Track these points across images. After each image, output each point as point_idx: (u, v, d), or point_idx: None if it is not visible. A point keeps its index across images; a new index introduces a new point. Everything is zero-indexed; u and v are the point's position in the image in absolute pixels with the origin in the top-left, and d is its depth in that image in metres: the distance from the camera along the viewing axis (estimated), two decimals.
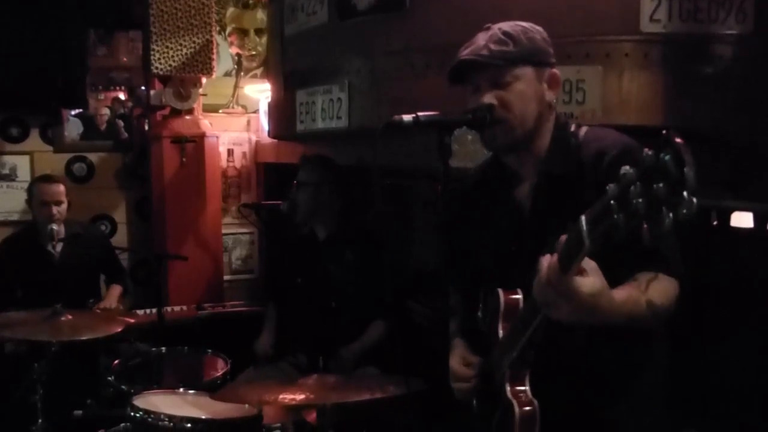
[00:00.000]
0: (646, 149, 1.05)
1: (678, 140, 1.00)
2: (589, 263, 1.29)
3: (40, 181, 3.88)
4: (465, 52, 1.63)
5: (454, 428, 1.95)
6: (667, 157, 1.00)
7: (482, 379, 1.76)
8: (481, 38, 1.63)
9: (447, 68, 1.67)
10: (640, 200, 1.03)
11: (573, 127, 1.68)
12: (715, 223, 2.42)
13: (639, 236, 1.05)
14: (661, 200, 1.01)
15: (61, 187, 3.82)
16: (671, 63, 2.08)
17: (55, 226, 3.71)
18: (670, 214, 1.00)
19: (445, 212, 1.56)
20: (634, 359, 1.65)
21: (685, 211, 0.99)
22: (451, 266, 1.77)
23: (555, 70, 1.67)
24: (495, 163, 1.79)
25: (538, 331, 1.48)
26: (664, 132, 1.03)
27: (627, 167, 1.07)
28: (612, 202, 1.09)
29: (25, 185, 4.07)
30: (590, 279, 1.29)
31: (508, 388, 1.61)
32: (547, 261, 1.30)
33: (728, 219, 2.38)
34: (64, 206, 3.81)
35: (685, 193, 0.98)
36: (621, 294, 1.39)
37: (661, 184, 1.00)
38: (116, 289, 4.01)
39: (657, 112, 2.10)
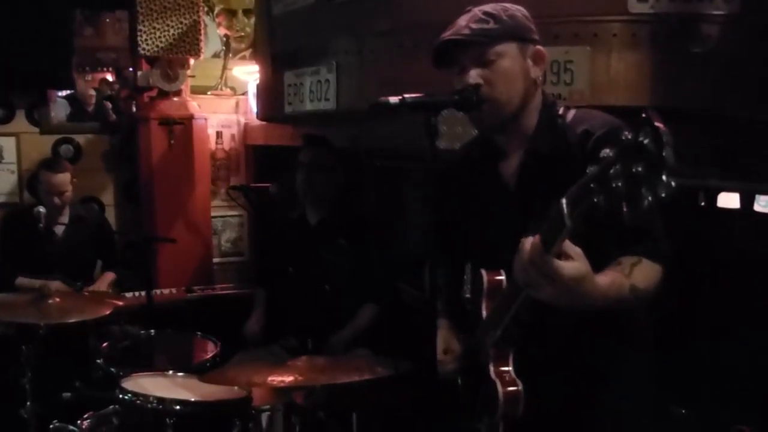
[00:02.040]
0: (625, 132, 1.06)
1: (657, 122, 1.01)
2: (574, 249, 1.30)
3: (46, 168, 3.87)
4: (447, 34, 1.64)
5: (442, 408, 1.96)
6: (646, 140, 1.01)
7: (467, 357, 1.77)
8: (463, 20, 1.64)
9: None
10: (619, 182, 1.05)
11: (561, 109, 1.69)
12: (702, 203, 2.43)
13: (620, 217, 1.06)
14: (640, 181, 1.02)
15: (67, 176, 3.84)
16: (659, 43, 2.08)
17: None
18: (649, 196, 1.01)
19: (432, 190, 1.56)
20: (620, 339, 1.66)
21: (663, 193, 1.00)
22: (438, 243, 1.78)
23: (539, 47, 1.67)
24: (482, 140, 1.80)
25: (522, 311, 1.49)
26: (643, 114, 1.04)
27: (607, 150, 1.09)
28: (592, 184, 1.11)
29: (12, 167, 4.06)
30: (573, 263, 1.30)
31: (491, 368, 1.62)
32: (529, 242, 1.31)
33: (715, 199, 2.39)
34: (68, 194, 3.85)
35: (663, 176, 1.00)
36: (605, 279, 1.39)
37: (639, 167, 1.02)
38: (109, 276, 4.01)
39: (645, 92, 2.10)
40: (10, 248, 3.90)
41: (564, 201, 1.19)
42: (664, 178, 1.00)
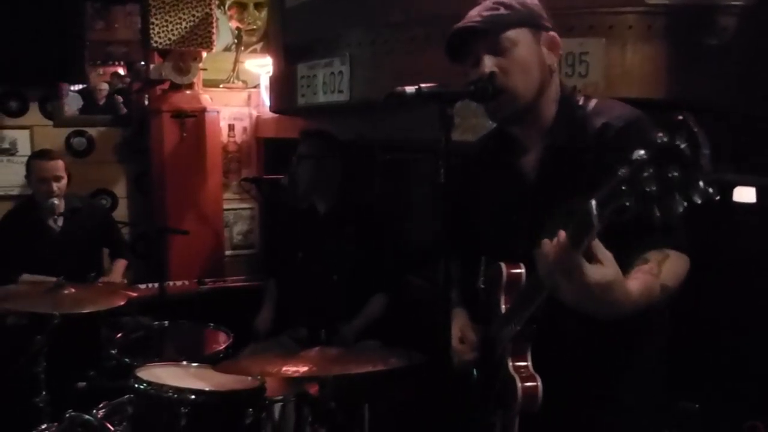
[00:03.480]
0: (659, 133, 1.03)
1: (696, 128, 0.99)
2: (604, 253, 1.26)
3: (37, 157, 3.86)
4: (458, 24, 1.63)
5: (454, 401, 1.96)
6: (683, 145, 0.99)
7: (482, 350, 1.77)
8: (474, 10, 1.64)
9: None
10: (653, 187, 1.02)
11: (582, 100, 1.66)
12: (717, 198, 2.41)
13: (649, 218, 1.04)
14: (674, 186, 1.00)
15: (60, 163, 3.81)
16: (675, 35, 2.07)
17: (55, 201, 3.72)
18: (684, 201, 0.99)
19: (447, 181, 1.55)
20: (634, 334, 1.64)
21: (699, 199, 0.98)
22: (452, 236, 1.77)
23: (553, 33, 1.65)
24: (499, 132, 1.79)
25: (541, 306, 1.48)
26: (679, 117, 1.01)
27: (641, 152, 1.05)
28: (623, 186, 1.08)
29: (26, 160, 4.06)
30: (601, 268, 1.26)
31: (510, 363, 1.61)
32: (550, 242, 1.27)
33: (730, 194, 2.38)
34: (64, 181, 3.81)
35: (700, 182, 0.97)
36: (636, 285, 1.35)
37: (675, 172, 0.99)
38: (121, 264, 4.03)
39: (660, 85, 2.09)
40: (11, 242, 3.90)
41: (593, 202, 1.16)
42: (701, 184, 0.97)
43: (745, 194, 2.33)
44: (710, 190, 0.97)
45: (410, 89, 1.53)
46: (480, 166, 1.83)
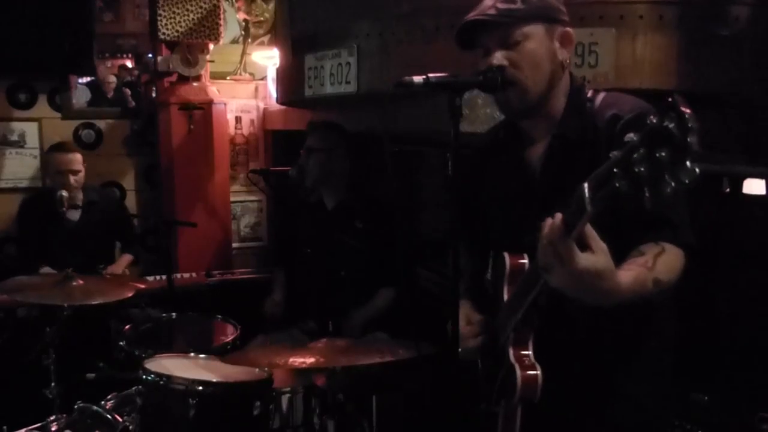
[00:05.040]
0: (650, 116, 1.04)
1: (683, 107, 0.99)
2: (598, 243, 1.28)
3: (55, 150, 3.91)
4: (472, 14, 1.62)
5: (461, 392, 1.96)
6: (671, 125, 0.99)
7: (487, 340, 1.76)
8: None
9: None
10: (642, 168, 1.03)
11: (590, 93, 1.66)
12: (727, 190, 2.40)
13: (642, 202, 1.05)
14: (663, 168, 1.00)
15: (77, 156, 3.87)
16: (686, 25, 2.05)
17: (64, 193, 3.74)
18: (672, 182, 1.00)
19: (457, 172, 1.55)
20: (641, 326, 1.65)
21: (687, 179, 0.98)
22: (461, 227, 1.77)
23: (568, 29, 1.64)
24: (508, 124, 1.78)
25: (543, 296, 1.48)
26: (669, 98, 1.02)
27: (631, 134, 1.07)
28: (615, 169, 1.09)
29: (34, 152, 4.10)
30: (592, 256, 1.27)
31: (511, 352, 1.62)
32: (549, 222, 1.29)
33: (740, 186, 2.36)
34: (81, 175, 3.87)
35: (687, 162, 0.98)
36: (627, 276, 1.36)
37: (663, 152, 1.00)
38: (126, 258, 4.06)
39: (671, 76, 2.07)
40: (27, 233, 3.94)
41: (585, 185, 1.18)
42: (688, 164, 0.98)
43: (755, 186, 2.32)
44: (697, 170, 0.98)
45: (418, 79, 1.53)
46: (489, 156, 1.83)
